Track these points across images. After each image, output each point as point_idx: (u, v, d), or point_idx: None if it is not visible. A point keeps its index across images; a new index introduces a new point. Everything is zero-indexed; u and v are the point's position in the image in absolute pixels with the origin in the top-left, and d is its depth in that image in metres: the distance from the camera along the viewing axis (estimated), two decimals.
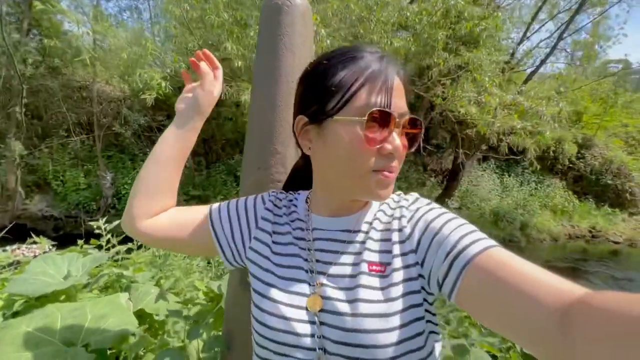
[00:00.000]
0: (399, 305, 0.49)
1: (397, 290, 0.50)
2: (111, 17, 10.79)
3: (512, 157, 9.31)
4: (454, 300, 0.46)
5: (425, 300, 0.51)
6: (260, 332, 0.54)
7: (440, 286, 0.48)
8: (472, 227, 0.50)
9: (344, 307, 0.50)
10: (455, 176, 10.25)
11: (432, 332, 0.52)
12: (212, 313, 1.75)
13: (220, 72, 0.76)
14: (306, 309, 0.52)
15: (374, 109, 0.49)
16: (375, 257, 0.54)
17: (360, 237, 0.56)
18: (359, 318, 0.48)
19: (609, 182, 11.56)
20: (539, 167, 8.57)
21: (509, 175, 11.59)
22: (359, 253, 0.55)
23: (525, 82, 9.15)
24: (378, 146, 0.50)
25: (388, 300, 0.49)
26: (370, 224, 0.58)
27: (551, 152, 10.64)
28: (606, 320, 0.30)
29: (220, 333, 1.71)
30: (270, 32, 1.20)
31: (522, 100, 6.08)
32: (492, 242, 0.47)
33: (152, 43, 5.59)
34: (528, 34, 10.14)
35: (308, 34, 1.28)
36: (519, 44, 10.27)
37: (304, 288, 0.54)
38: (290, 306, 0.53)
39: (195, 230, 0.65)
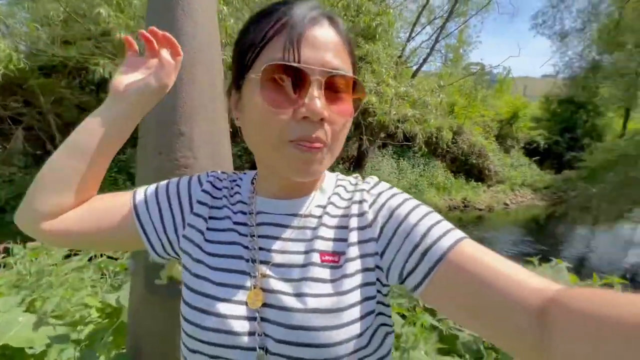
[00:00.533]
0: (351, 298, 0.45)
1: (351, 283, 0.45)
2: None
3: (405, 143, 10.67)
4: (419, 295, 0.44)
5: (379, 291, 0.48)
6: (191, 334, 0.46)
7: (402, 279, 0.46)
8: (438, 215, 0.47)
9: (290, 302, 0.44)
10: (360, 162, 11.16)
11: (384, 324, 0.49)
12: (110, 330, 1.48)
13: (181, 60, 0.59)
14: (246, 304, 0.46)
15: (269, 63, 0.42)
16: (328, 246, 0.48)
17: (311, 222, 0.51)
18: (306, 314, 0.43)
19: (474, 161, 14.33)
20: (426, 150, 10.03)
21: (404, 160, 13.20)
22: (310, 241, 0.49)
23: (413, 77, 10.49)
24: (287, 110, 0.43)
25: (339, 293, 0.45)
26: (324, 208, 0.52)
27: (434, 138, 12.50)
28: (584, 321, 0.30)
29: (124, 350, 1.47)
30: None
31: (412, 91, 6.95)
32: (460, 232, 0.45)
33: None
34: (413, 34, 11.59)
35: (210, 1, 1.14)
36: (406, 42, 11.66)
37: (244, 280, 0.48)
38: (226, 301, 0.46)
39: (117, 222, 0.55)
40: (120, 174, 8.46)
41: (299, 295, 0.45)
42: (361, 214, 0.49)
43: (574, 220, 11.86)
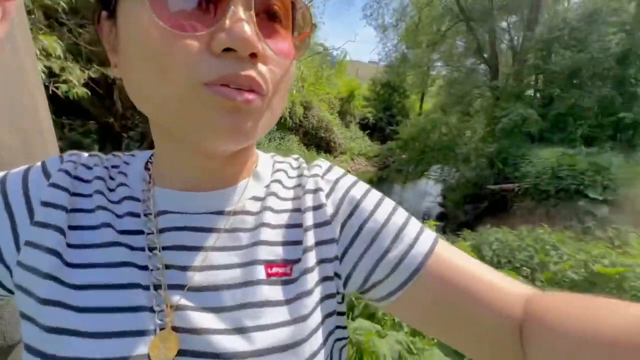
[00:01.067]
0: (312, 323, 0.34)
1: (310, 301, 0.34)
2: None
3: None
4: (387, 307, 0.37)
5: (338, 303, 0.38)
6: None
7: (365, 289, 0.37)
8: (403, 211, 0.40)
9: (226, 343, 0.30)
10: None
11: (339, 339, 0.40)
12: None
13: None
14: (148, 358, 0.29)
15: None
16: (275, 254, 0.35)
17: (246, 222, 0.36)
18: (254, 358, 0.30)
19: (323, 135, 15.92)
20: (281, 124, 10.31)
21: None
22: (247, 248, 0.35)
23: None
24: (198, 35, 0.27)
25: (298, 320, 0.33)
26: (263, 200, 0.38)
27: (287, 112, 13.01)
28: (559, 340, 0.28)
29: None
30: None
31: None
32: (430, 231, 0.38)
33: None
34: None
35: None
36: None
37: (142, 321, 0.31)
38: None
39: None
40: None
41: (239, 331, 0.31)
42: (318, 207, 0.38)
43: (393, 180, 15.15)
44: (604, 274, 2.60)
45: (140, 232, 0.34)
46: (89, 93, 3.87)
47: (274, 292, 0.33)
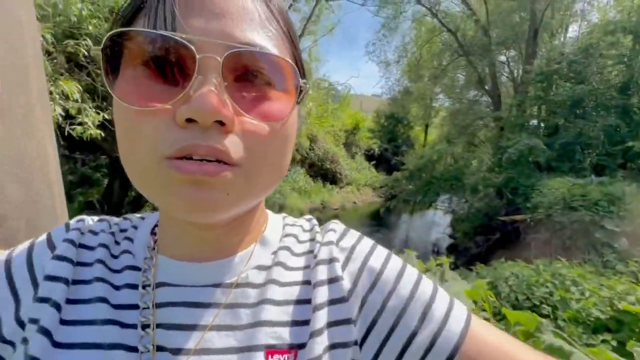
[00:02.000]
0: None
1: None
2: None
3: None
4: None
5: None
6: None
7: None
8: (428, 280, 0.36)
9: None
10: None
11: None
12: None
13: None
14: None
15: (115, 31, 0.27)
16: (278, 337, 0.32)
17: (248, 297, 0.33)
18: None
19: (328, 166, 16.12)
20: None
21: None
22: (247, 329, 0.32)
23: None
24: (162, 108, 0.27)
25: None
26: (268, 270, 0.35)
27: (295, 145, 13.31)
28: None
29: None
30: None
31: None
32: (461, 305, 0.35)
33: None
34: None
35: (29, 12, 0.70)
36: None
37: None
38: None
39: None
40: None
41: None
42: (332, 280, 0.34)
43: (400, 211, 14.95)
44: (632, 313, 2.42)
45: (136, 307, 0.32)
46: (102, 134, 4.01)
47: None
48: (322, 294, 0.33)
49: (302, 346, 0.31)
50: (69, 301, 0.32)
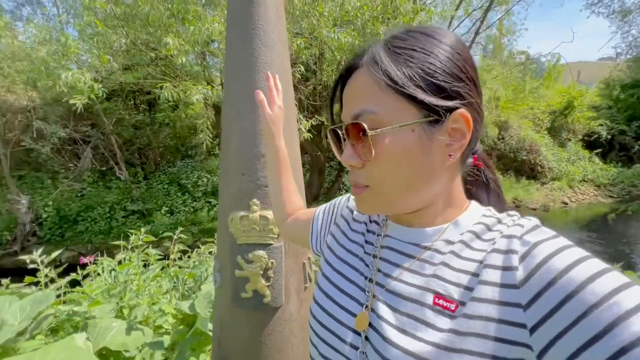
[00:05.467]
0: (454, 358, 0.38)
1: (461, 341, 0.38)
2: (6, 13, 9.10)
3: None
4: None
5: None
6: (312, 326, 0.55)
7: None
8: (622, 277, 0.34)
9: (391, 334, 0.43)
10: None
11: None
12: (189, 338, 1.59)
13: (280, 95, 0.81)
14: (354, 315, 0.50)
15: (329, 127, 0.56)
16: (446, 290, 0.42)
17: (434, 258, 0.47)
18: (401, 353, 0.41)
19: (524, 157, 13.30)
20: None
21: None
22: (427, 277, 0.45)
23: None
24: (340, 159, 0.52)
25: (441, 347, 0.39)
26: (452, 244, 0.47)
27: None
28: None
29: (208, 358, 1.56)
30: (243, 26, 1.10)
31: None
32: None
33: (74, 40, 4.75)
34: (451, 29, 11.14)
35: (282, 27, 1.20)
36: None
37: (359, 295, 0.52)
38: (340, 307, 0.52)
39: (307, 228, 0.73)
40: (171, 185, 9.09)
41: (401, 330, 0.43)
42: (507, 268, 0.39)
43: None
44: None
45: (373, 244, 0.56)
46: (311, 136, 5.20)
47: (434, 317, 0.42)
48: (491, 275, 0.40)
49: (462, 303, 0.41)
50: (350, 229, 0.62)
